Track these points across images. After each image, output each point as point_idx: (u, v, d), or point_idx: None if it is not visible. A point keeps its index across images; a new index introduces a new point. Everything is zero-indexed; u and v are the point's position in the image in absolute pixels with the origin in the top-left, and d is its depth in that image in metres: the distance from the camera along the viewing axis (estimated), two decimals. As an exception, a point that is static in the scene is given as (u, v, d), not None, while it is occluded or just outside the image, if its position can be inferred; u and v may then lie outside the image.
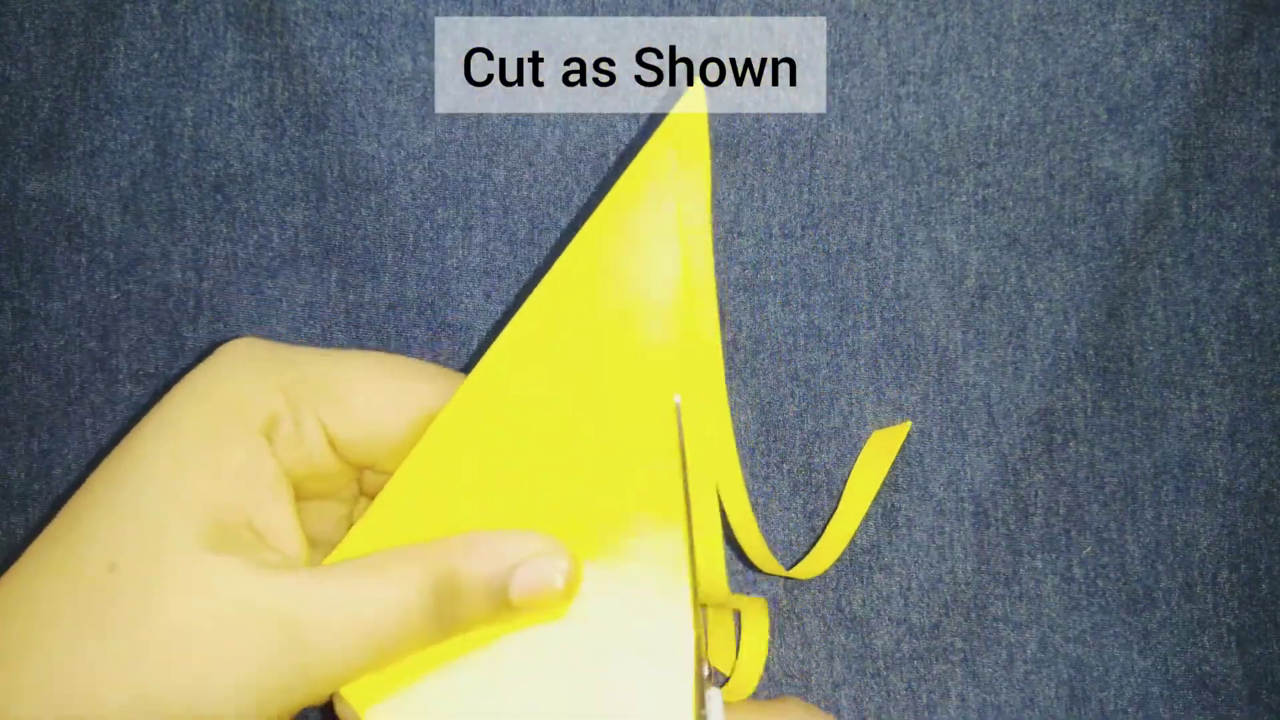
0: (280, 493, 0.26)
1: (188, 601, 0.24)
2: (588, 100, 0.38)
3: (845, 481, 0.37)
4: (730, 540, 0.34)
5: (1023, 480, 0.37)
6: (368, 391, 0.27)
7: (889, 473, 0.37)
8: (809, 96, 0.38)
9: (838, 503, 0.37)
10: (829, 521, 0.36)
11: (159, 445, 0.25)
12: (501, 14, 0.38)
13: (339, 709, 0.27)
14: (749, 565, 0.36)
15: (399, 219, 0.38)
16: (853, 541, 0.37)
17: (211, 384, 0.26)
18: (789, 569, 0.36)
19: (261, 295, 0.38)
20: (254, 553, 0.25)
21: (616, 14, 0.38)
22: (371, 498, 0.30)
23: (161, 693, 0.24)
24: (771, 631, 0.36)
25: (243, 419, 0.26)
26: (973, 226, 0.37)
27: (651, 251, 0.29)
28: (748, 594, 0.37)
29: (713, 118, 0.38)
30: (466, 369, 0.29)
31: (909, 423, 0.37)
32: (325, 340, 0.38)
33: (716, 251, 0.38)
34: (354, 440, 0.27)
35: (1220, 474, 0.37)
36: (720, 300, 0.38)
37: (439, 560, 0.26)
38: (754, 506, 0.37)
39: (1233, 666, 0.36)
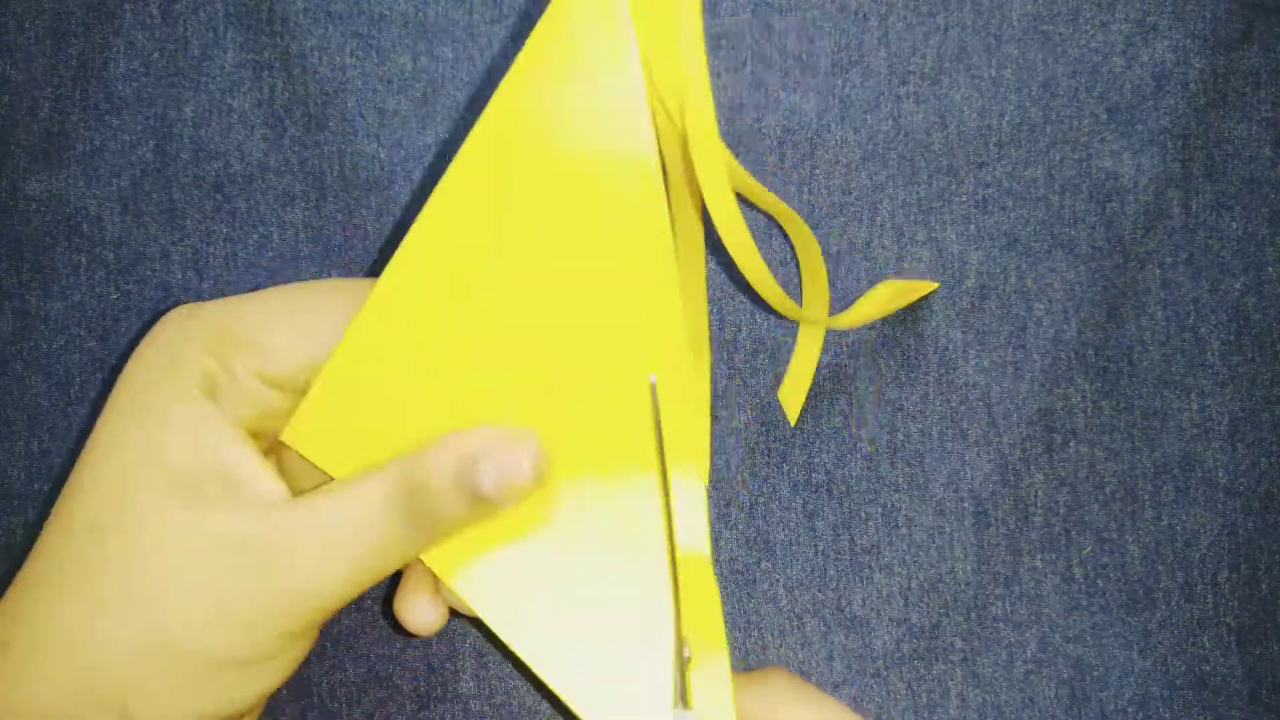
0: (234, 439, 0.27)
1: (165, 547, 0.25)
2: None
3: (845, 482, 0.37)
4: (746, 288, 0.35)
5: (1023, 480, 0.37)
6: (281, 327, 0.28)
7: (889, 473, 0.37)
8: (809, 96, 0.38)
9: (839, 503, 0.37)
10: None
11: (116, 419, 0.27)
12: (501, 14, 0.38)
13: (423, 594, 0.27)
14: (763, 308, 0.36)
15: (399, 219, 0.38)
16: (853, 542, 0.37)
17: (148, 357, 0.27)
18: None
19: (261, 295, 0.38)
20: (223, 498, 0.26)
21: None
22: None
23: (162, 636, 0.25)
24: (752, 611, 0.36)
25: (179, 382, 0.27)
26: (973, 226, 0.37)
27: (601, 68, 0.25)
28: (746, 597, 0.37)
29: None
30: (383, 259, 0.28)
31: (936, 284, 0.37)
32: (325, 340, 0.38)
33: (717, 251, 0.38)
34: (287, 374, 0.28)
35: (1220, 474, 0.37)
36: (721, 300, 0.38)
37: (404, 465, 0.26)
38: (754, 506, 0.37)
39: (1233, 666, 0.36)
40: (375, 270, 0.38)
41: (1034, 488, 0.37)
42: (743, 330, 0.38)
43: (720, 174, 0.26)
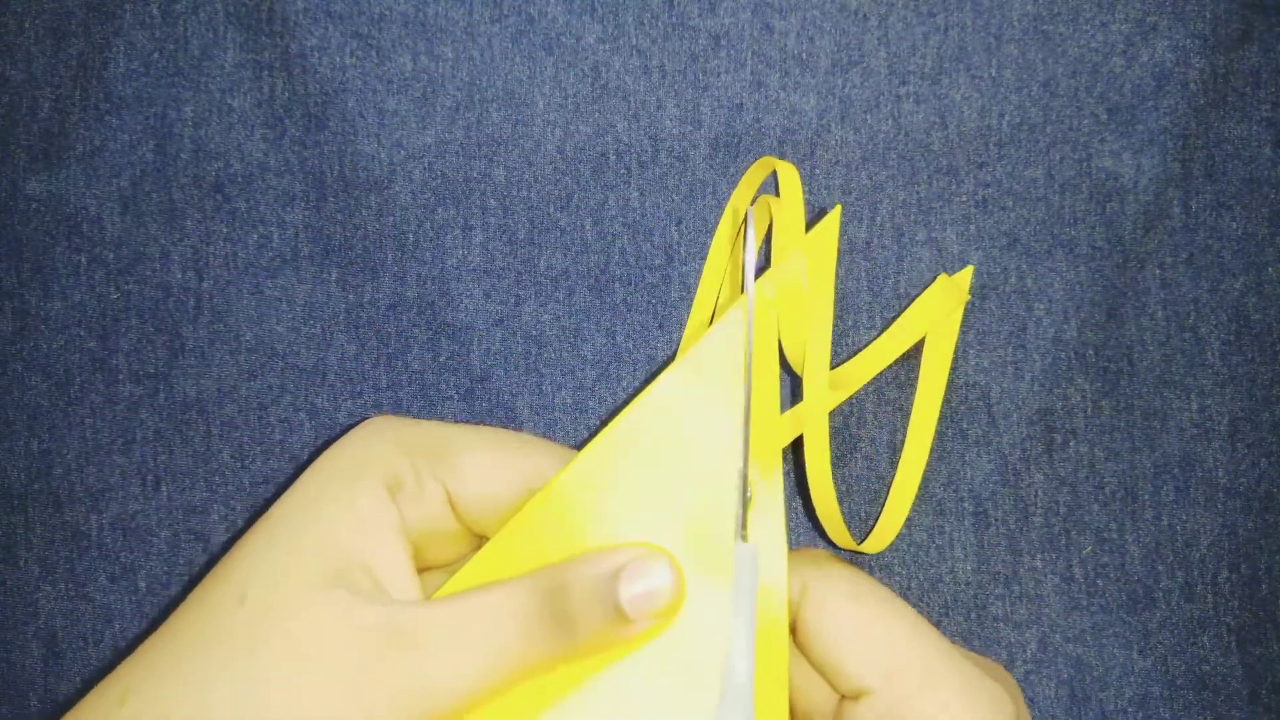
0: (399, 542, 0.27)
1: (304, 626, 0.25)
2: (588, 100, 0.38)
3: (845, 482, 0.37)
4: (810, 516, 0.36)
5: (1023, 480, 0.37)
6: (482, 457, 0.29)
7: (889, 473, 0.37)
8: (809, 96, 0.38)
9: (840, 503, 0.37)
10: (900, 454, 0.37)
11: (292, 501, 0.28)
12: (502, 14, 0.38)
13: None
14: (823, 537, 0.36)
15: (399, 219, 0.38)
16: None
17: (343, 449, 0.28)
18: (858, 542, 0.35)
19: (261, 295, 0.38)
20: (371, 592, 0.26)
21: (616, 14, 0.38)
22: None
23: (278, 711, 0.25)
24: None
25: (368, 474, 0.27)
26: (973, 226, 0.37)
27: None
28: None
29: (713, 118, 0.38)
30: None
31: (970, 268, 0.37)
32: (325, 340, 0.38)
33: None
34: (469, 500, 0.29)
35: (1220, 474, 0.37)
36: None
37: (546, 572, 0.27)
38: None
39: (1233, 666, 0.36)
40: (377, 270, 0.38)
41: (1034, 488, 0.37)
42: (743, 330, 0.38)
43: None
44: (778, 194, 0.33)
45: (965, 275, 0.37)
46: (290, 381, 0.38)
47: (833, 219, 0.33)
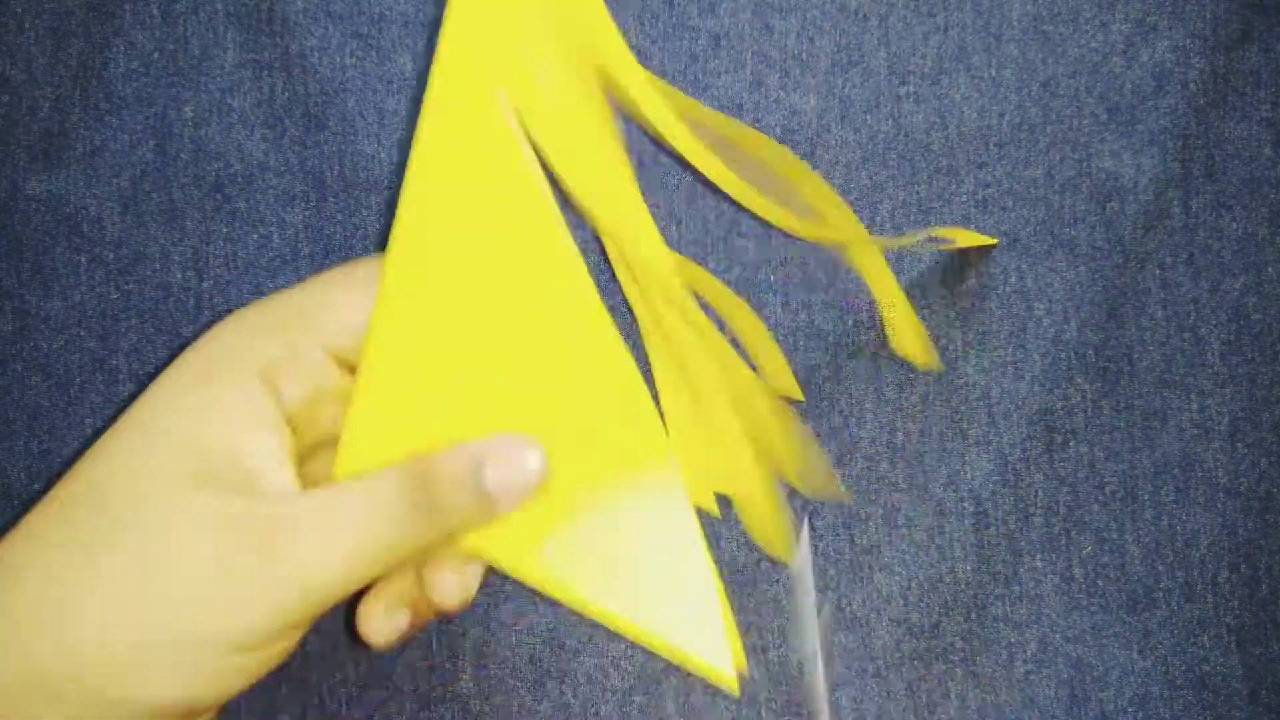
0: (270, 433, 0.27)
1: (172, 525, 0.25)
2: (588, 100, 0.38)
3: (845, 482, 0.37)
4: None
5: (1023, 480, 0.37)
6: (344, 301, 0.28)
7: (889, 473, 0.37)
8: (809, 96, 0.38)
9: (840, 503, 0.37)
10: None
11: (153, 398, 0.27)
12: (501, 14, 0.38)
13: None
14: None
15: (399, 219, 0.38)
16: (853, 542, 0.37)
17: (206, 342, 0.28)
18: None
19: (261, 295, 0.38)
20: (238, 486, 0.26)
21: (616, 15, 0.38)
22: None
23: (159, 612, 0.25)
24: (766, 607, 0.36)
25: (234, 365, 0.27)
26: (973, 226, 0.37)
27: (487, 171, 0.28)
28: (747, 597, 0.37)
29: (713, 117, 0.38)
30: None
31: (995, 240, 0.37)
32: (325, 340, 0.38)
33: (716, 252, 0.38)
34: (350, 346, 0.28)
35: (1220, 474, 0.37)
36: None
37: (413, 462, 0.27)
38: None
39: (1233, 666, 0.36)
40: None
41: (1034, 488, 0.37)
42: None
43: (667, 118, 0.28)
44: None
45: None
46: (290, 381, 0.38)
47: None
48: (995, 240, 0.37)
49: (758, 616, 0.36)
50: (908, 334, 0.33)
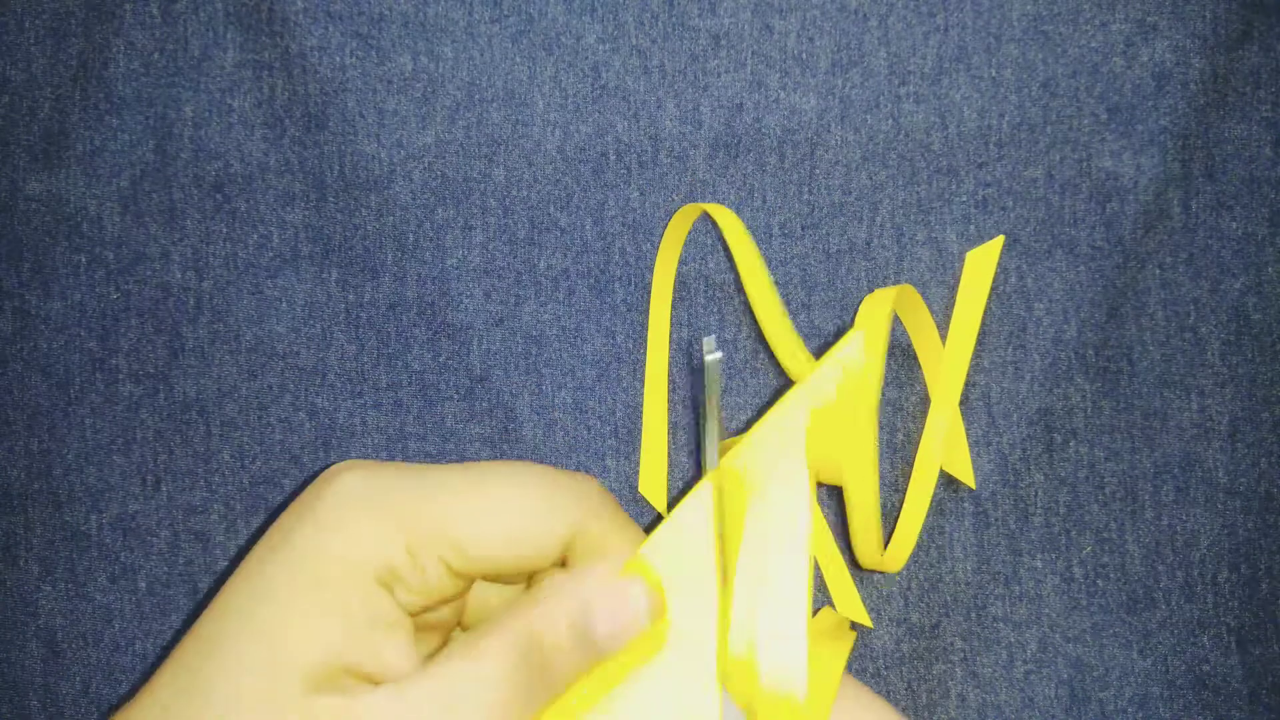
0: (398, 631, 0.26)
1: None
2: (588, 100, 0.38)
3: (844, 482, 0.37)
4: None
5: (1023, 480, 0.37)
6: (478, 517, 0.27)
7: (893, 472, 0.37)
8: (809, 96, 0.38)
9: (840, 503, 0.37)
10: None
11: (267, 603, 0.26)
12: (502, 14, 0.38)
13: None
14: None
15: (399, 219, 0.38)
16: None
17: (322, 534, 0.27)
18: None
19: (261, 295, 0.38)
20: (361, 686, 0.25)
21: (616, 14, 0.38)
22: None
23: None
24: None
25: (359, 575, 0.26)
26: (973, 226, 0.37)
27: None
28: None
29: (713, 118, 0.38)
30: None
31: (1001, 238, 0.37)
32: (325, 340, 0.38)
33: (717, 252, 0.38)
34: (474, 570, 0.28)
35: (1220, 474, 0.37)
36: (718, 303, 0.38)
37: (516, 624, 0.26)
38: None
39: (1233, 666, 0.36)
40: (377, 270, 0.38)
41: (1034, 488, 0.37)
42: (743, 330, 0.38)
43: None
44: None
45: (995, 245, 0.37)
46: (290, 381, 0.38)
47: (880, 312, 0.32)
48: (1001, 238, 0.37)
49: None
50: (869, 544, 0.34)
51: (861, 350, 0.30)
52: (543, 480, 0.28)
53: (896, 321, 0.37)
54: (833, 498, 0.37)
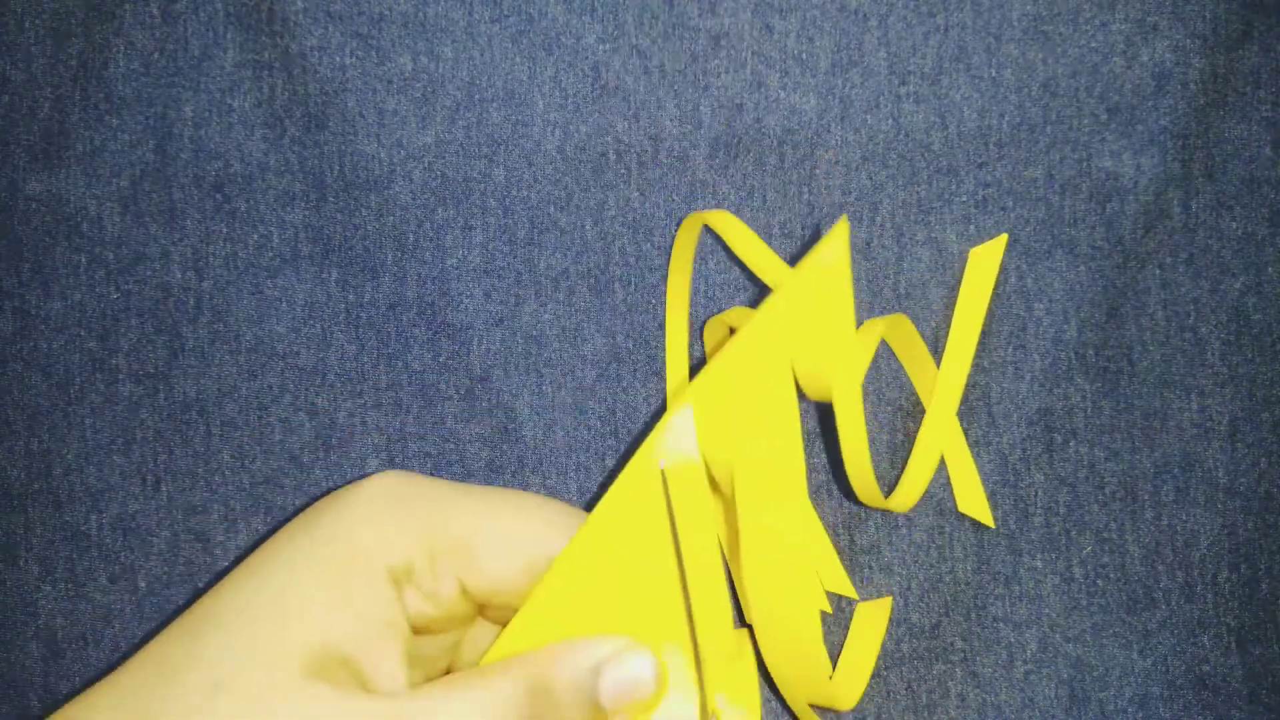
0: (395, 636, 0.26)
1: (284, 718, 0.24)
2: (588, 100, 0.38)
3: (845, 482, 0.37)
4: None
5: (1023, 480, 0.37)
6: (498, 537, 0.28)
7: (889, 473, 0.37)
8: (809, 96, 0.38)
9: (839, 503, 0.37)
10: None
11: (282, 573, 0.26)
12: (502, 14, 0.38)
13: None
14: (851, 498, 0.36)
15: (399, 219, 0.38)
16: (852, 542, 0.37)
17: (349, 522, 0.27)
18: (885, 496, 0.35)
19: (261, 295, 0.38)
20: (354, 684, 0.25)
21: (616, 14, 0.38)
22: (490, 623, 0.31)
23: None
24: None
25: (373, 564, 0.26)
26: (973, 226, 0.37)
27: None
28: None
29: (713, 118, 0.38)
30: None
31: (1004, 236, 0.37)
32: (325, 340, 0.38)
33: (718, 254, 0.38)
34: (486, 588, 0.28)
35: (1220, 474, 0.37)
36: (719, 302, 0.38)
37: (528, 667, 0.26)
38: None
39: (1233, 666, 0.36)
40: (377, 270, 0.38)
41: (1034, 488, 0.37)
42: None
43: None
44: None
45: (999, 243, 0.37)
46: (290, 381, 0.38)
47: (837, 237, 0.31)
48: (1004, 236, 0.37)
49: None
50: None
51: (834, 255, 0.29)
52: (572, 524, 0.29)
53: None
54: (828, 434, 0.37)
